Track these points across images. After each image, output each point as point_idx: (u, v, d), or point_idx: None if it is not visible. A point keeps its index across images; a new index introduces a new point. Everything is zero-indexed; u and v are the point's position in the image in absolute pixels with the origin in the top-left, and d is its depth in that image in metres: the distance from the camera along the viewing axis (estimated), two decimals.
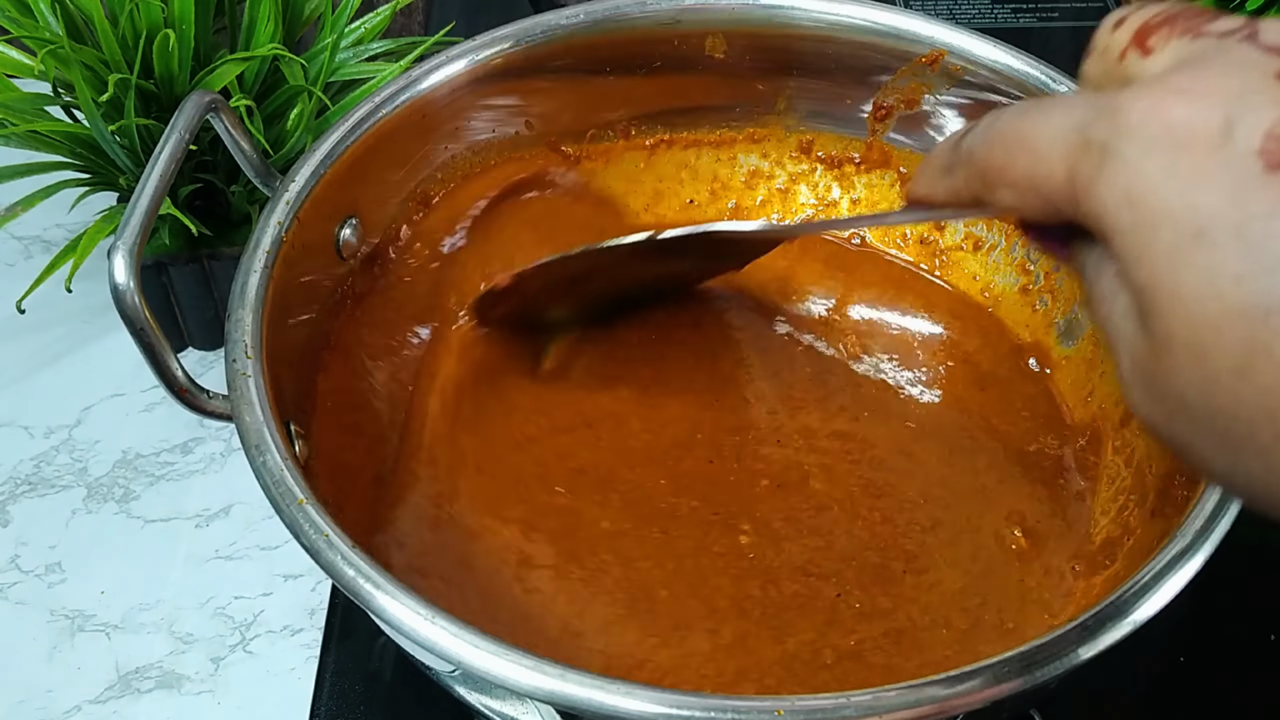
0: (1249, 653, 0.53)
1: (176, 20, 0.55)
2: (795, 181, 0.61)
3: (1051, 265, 0.56)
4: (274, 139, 0.58)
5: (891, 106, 0.57)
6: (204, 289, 0.61)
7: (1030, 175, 0.27)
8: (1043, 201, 0.27)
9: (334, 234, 0.50)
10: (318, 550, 0.37)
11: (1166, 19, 0.27)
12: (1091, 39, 0.30)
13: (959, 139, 0.31)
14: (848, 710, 0.33)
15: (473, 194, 0.57)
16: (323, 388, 0.50)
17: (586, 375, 0.54)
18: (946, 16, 0.82)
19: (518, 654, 0.34)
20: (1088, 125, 0.26)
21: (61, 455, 0.61)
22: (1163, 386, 0.25)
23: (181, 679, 0.53)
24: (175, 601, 0.56)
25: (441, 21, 0.77)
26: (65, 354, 0.65)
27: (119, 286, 0.40)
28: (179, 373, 0.42)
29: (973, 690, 0.34)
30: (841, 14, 0.55)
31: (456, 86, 0.53)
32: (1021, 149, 0.27)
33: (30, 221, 0.69)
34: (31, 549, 0.57)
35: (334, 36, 0.60)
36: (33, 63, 0.58)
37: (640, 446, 0.51)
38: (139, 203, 0.41)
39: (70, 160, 0.58)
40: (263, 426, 0.40)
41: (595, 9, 0.55)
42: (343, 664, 0.52)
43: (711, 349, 0.55)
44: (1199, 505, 0.39)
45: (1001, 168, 0.28)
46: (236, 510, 0.59)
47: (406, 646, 0.40)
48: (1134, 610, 0.36)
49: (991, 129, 0.29)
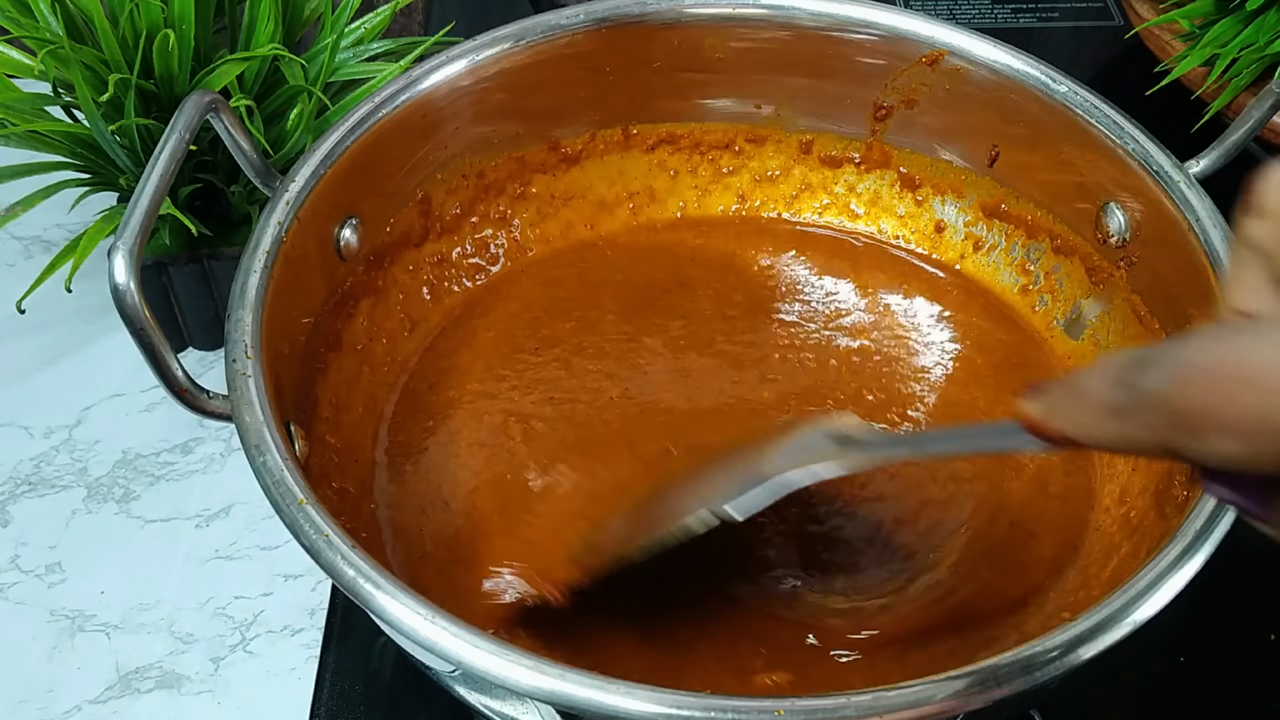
0: (1249, 653, 0.53)
1: (176, 20, 0.55)
2: (796, 181, 0.61)
3: (1051, 265, 0.56)
4: (274, 139, 0.58)
5: (891, 106, 0.57)
6: (204, 289, 0.61)
7: (1261, 415, 0.22)
8: (1277, 444, 0.22)
9: (334, 234, 0.50)
10: (318, 550, 0.37)
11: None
12: (1250, 193, 0.26)
13: (1128, 379, 0.25)
14: (848, 710, 0.33)
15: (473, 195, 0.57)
16: (323, 387, 0.50)
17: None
18: (946, 16, 0.82)
19: (517, 654, 0.34)
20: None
21: (61, 455, 0.61)
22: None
23: (181, 679, 0.53)
24: (175, 601, 0.56)
25: (441, 21, 0.77)
26: (65, 354, 0.65)
27: (119, 286, 0.40)
28: (179, 373, 0.42)
29: (973, 690, 0.34)
30: (841, 14, 0.55)
31: (457, 86, 0.53)
32: (1240, 383, 0.22)
33: (30, 221, 0.69)
34: (31, 549, 0.57)
35: (334, 36, 0.60)
36: (33, 63, 0.58)
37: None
38: (139, 203, 0.41)
39: (70, 160, 0.58)
40: (263, 426, 0.40)
41: (595, 9, 0.55)
42: (343, 664, 0.52)
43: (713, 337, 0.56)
44: (1199, 505, 0.39)
45: (1216, 410, 0.23)
46: (236, 510, 0.59)
47: (406, 646, 0.40)
48: (1134, 610, 0.36)
49: (1185, 364, 0.23)
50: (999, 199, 0.57)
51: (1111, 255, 0.52)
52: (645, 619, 0.46)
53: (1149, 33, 0.73)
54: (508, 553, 0.47)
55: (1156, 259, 0.50)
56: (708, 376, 0.54)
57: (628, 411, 0.53)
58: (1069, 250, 0.55)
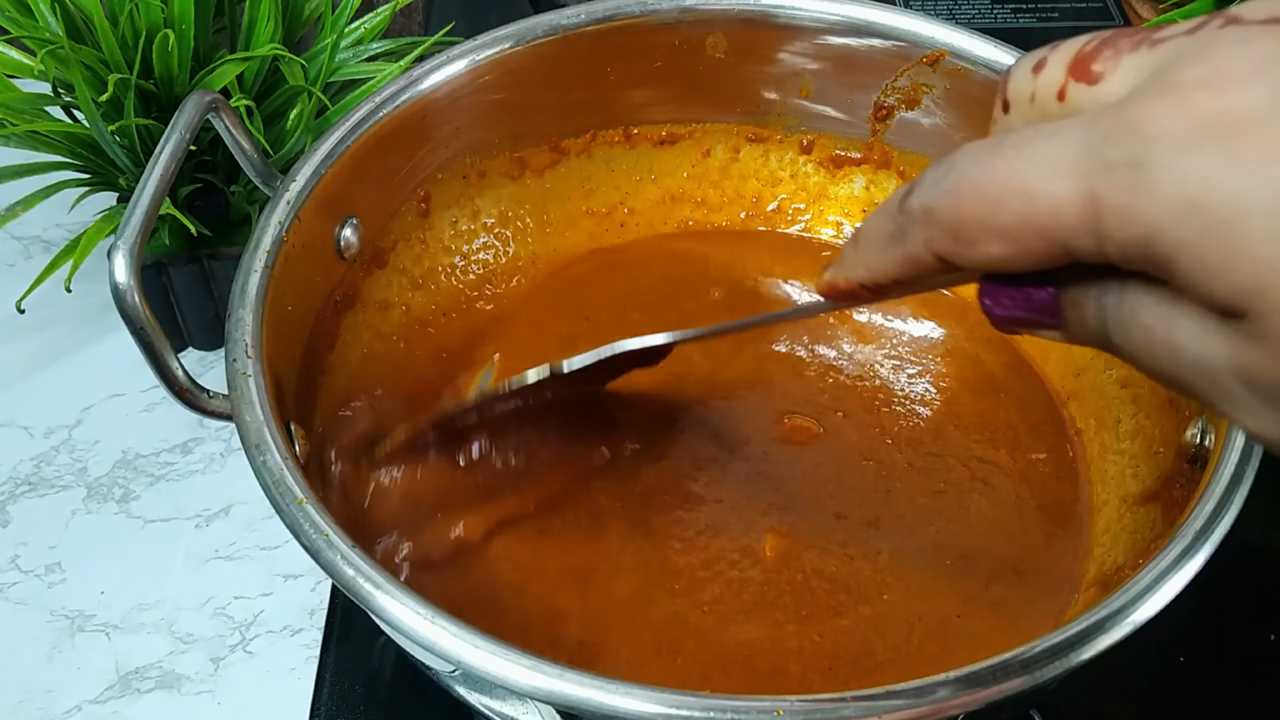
0: (1249, 653, 0.53)
1: (176, 20, 0.55)
2: (797, 182, 0.61)
3: None
4: (274, 139, 0.58)
5: (892, 106, 0.57)
6: (204, 289, 0.61)
7: (1028, 218, 0.24)
8: (1047, 245, 0.25)
9: (334, 234, 0.50)
10: (318, 550, 0.37)
11: (1102, 43, 0.26)
12: (1002, 92, 0.28)
13: (898, 203, 0.28)
14: (847, 711, 0.33)
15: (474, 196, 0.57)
16: (323, 387, 0.50)
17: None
18: (946, 16, 0.82)
19: (518, 654, 0.34)
20: (1097, 149, 0.23)
21: (61, 455, 0.61)
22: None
23: (181, 679, 0.53)
24: (175, 601, 0.56)
25: (441, 21, 0.77)
26: (65, 354, 0.65)
27: (119, 286, 0.40)
28: (179, 372, 0.42)
29: (973, 690, 0.34)
30: (841, 14, 0.55)
31: (457, 86, 0.53)
32: (1008, 192, 0.25)
33: (30, 221, 0.69)
34: (31, 549, 0.57)
35: (334, 37, 0.60)
36: (33, 63, 0.58)
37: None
38: (139, 203, 0.41)
39: (70, 160, 0.58)
40: (263, 426, 0.40)
41: (596, 9, 0.55)
42: (343, 664, 0.52)
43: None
44: (1199, 505, 0.39)
45: (982, 218, 0.25)
46: (236, 510, 0.59)
47: (406, 646, 0.40)
48: (1134, 611, 0.36)
49: (952, 179, 0.26)
50: None
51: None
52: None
53: None
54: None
55: None
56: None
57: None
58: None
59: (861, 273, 0.30)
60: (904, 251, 0.28)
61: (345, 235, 0.51)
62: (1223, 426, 0.42)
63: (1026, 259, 0.25)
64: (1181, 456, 0.45)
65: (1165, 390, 0.48)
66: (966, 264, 0.26)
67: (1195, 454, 0.44)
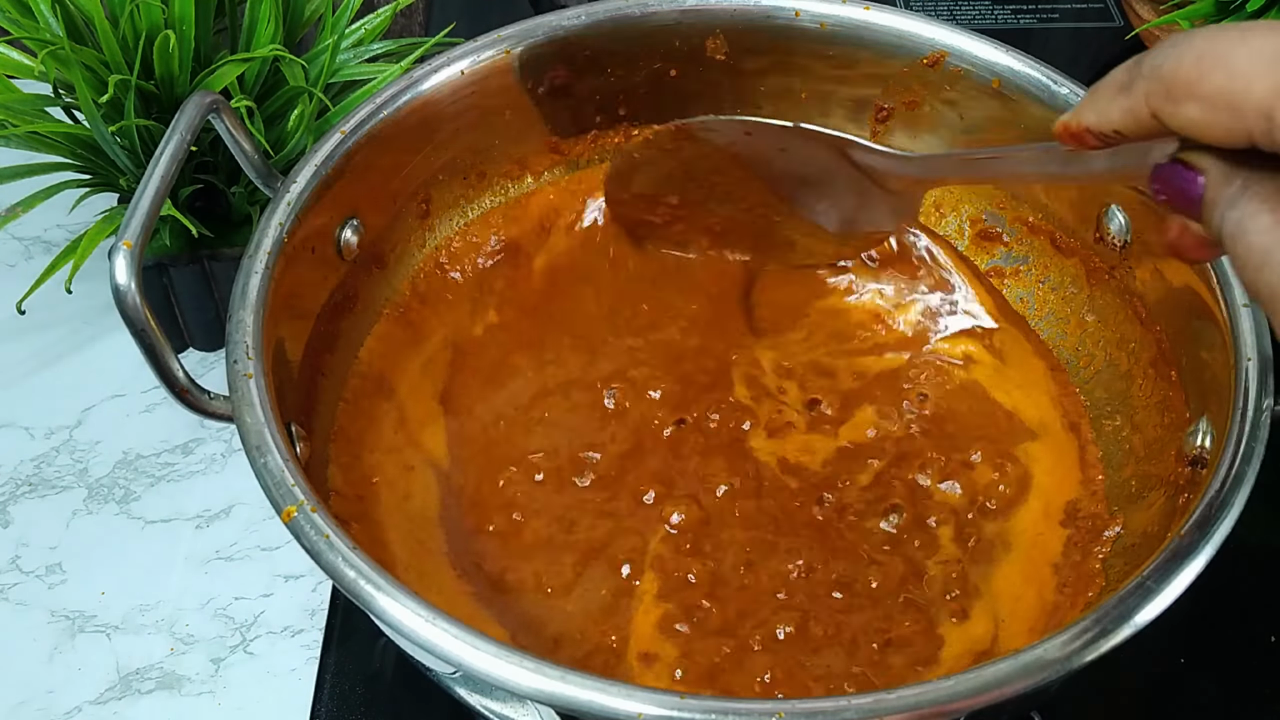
0: (1249, 653, 0.53)
1: (177, 21, 0.55)
2: None
3: (1050, 265, 0.56)
4: (275, 140, 0.58)
5: (892, 108, 0.57)
6: (205, 290, 0.61)
7: (1225, 90, 0.29)
8: (1230, 117, 0.29)
9: (334, 234, 0.50)
10: (318, 551, 0.37)
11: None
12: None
13: (1137, 60, 0.32)
14: (848, 713, 0.33)
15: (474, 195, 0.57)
16: (323, 388, 0.50)
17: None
18: (947, 17, 0.82)
19: (518, 656, 0.34)
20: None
21: (62, 456, 0.61)
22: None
23: (182, 680, 0.53)
24: (176, 602, 0.56)
25: (442, 22, 0.77)
26: (65, 355, 0.65)
27: (120, 287, 0.40)
28: (180, 373, 0.42)
29: (974, 692, 0.34)
30: (842, 15, 0.55)
31: (457, 87, 0.53)
32: (1217, 65, 0.29)
33: (31, 222, 0.69)
34: (32, 550, 0.57)
35: (334, 38, 0.60)
36: (33, 63, 0.58)
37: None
38: (140, 204, 0.41)
39: (71, 161, 0.58)
40: (263, 427, 0.40)
41: (596, 10, 0.55)
42: (343, 665, 0.52)
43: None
44: (1199, 506, 0.39)
45: (1193, 81, 0.30)
46: (237, 511, 0.59)
47: (407, 648, 0.40)
48: (1135, 613, 0.36)
49: (1182, 45, 0.30)
50: (999, 199, 0.57)
51: (1111, 257, 0.52)
52: None
53: (1149, 34, 0.73)
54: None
55: (1157, 261, 0.50)
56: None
57: (638, 408, 0.54)
58: (1069, 251, 0.55)
59: (1091, 117, 0.34)
60: (1128, 102, 0.32)
61: (346, 236, 0.51)
62: (1223, 428, 0.42)
63: (1213, 131, 0.30)
64: (1182, 459, 0.45)
65: (1162, 392, 0.49)
66: (1170, 122, 0.31)
67: (1196, 456, 0.44)
